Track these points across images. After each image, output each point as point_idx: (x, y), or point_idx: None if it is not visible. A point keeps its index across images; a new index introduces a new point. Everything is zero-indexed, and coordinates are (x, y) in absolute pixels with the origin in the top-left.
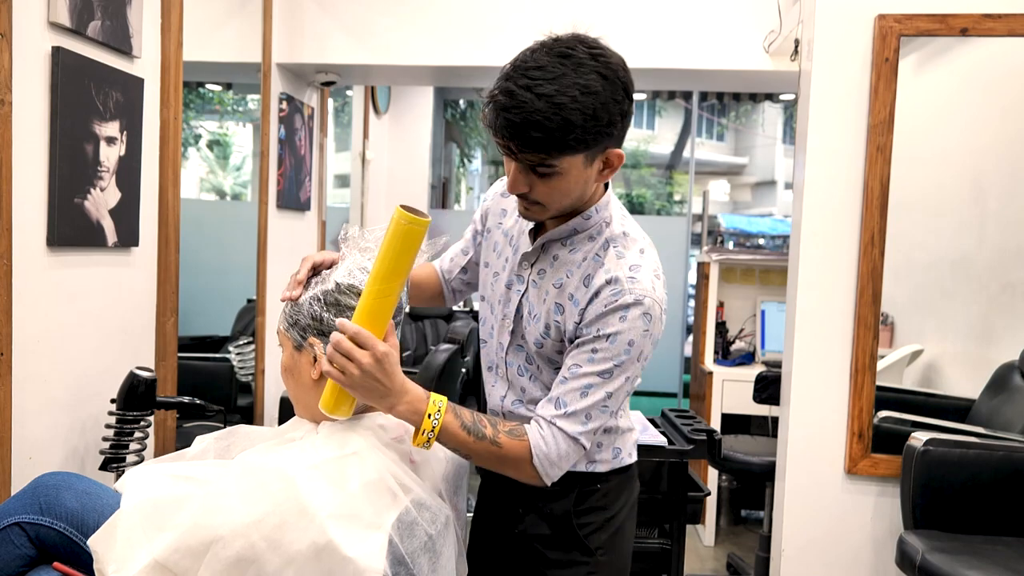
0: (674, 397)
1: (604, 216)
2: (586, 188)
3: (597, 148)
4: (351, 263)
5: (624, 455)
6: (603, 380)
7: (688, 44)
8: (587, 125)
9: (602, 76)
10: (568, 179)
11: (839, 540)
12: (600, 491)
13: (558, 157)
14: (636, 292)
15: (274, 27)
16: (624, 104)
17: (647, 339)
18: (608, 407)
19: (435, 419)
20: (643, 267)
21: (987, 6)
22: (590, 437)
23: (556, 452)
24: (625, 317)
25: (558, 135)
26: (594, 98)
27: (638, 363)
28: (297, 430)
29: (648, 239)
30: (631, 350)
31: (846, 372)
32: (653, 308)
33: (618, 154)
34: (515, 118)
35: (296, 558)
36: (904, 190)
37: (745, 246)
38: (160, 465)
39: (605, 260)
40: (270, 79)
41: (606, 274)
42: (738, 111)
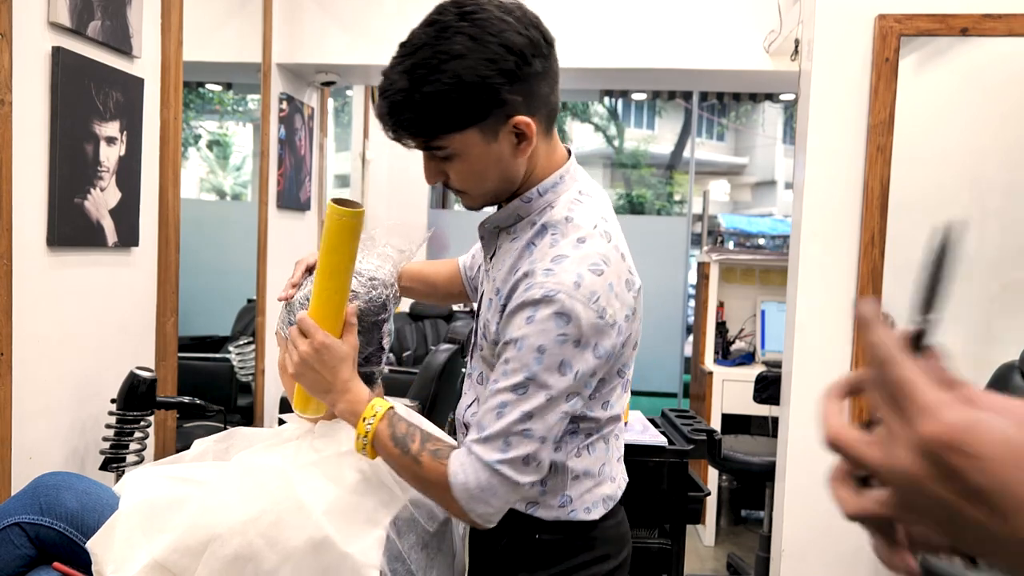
0: (674, 397)
1: (549, 199)
2: (507, 167)
3: (490, 119)
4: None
5: (577, 508)
6: (517, 396)
7: (688, 44)
8: (454, 96)
9: (470, 38)
10: (472, 160)
11: (839, 540)
12: (538, 543)
13: (442, 137)
14: (547, 287)
15: (274, 27)
16: (507, 62)
17: (567, 346)
18: (532, 431)
19: (368, 424)
20: (570, 259)
21: (987, 6)
22: (519, 469)
23: (476, 483)
24: (532, 318)
25: (425, 113)
26: (457, 63)
27: (563, 377)
28: (295, 430)
29: (605, 228)
30: (542, 359)
31: (846, 372)
32: (572, 308)
33: (526, 122)
34: (384, 102)
35: (293, 554)
36: (904, 190)
37: (745, 246)
38: (158, 467)
39: (536, 250)
40: (270, 79)
41: (529, 265)
42: (738, 111)
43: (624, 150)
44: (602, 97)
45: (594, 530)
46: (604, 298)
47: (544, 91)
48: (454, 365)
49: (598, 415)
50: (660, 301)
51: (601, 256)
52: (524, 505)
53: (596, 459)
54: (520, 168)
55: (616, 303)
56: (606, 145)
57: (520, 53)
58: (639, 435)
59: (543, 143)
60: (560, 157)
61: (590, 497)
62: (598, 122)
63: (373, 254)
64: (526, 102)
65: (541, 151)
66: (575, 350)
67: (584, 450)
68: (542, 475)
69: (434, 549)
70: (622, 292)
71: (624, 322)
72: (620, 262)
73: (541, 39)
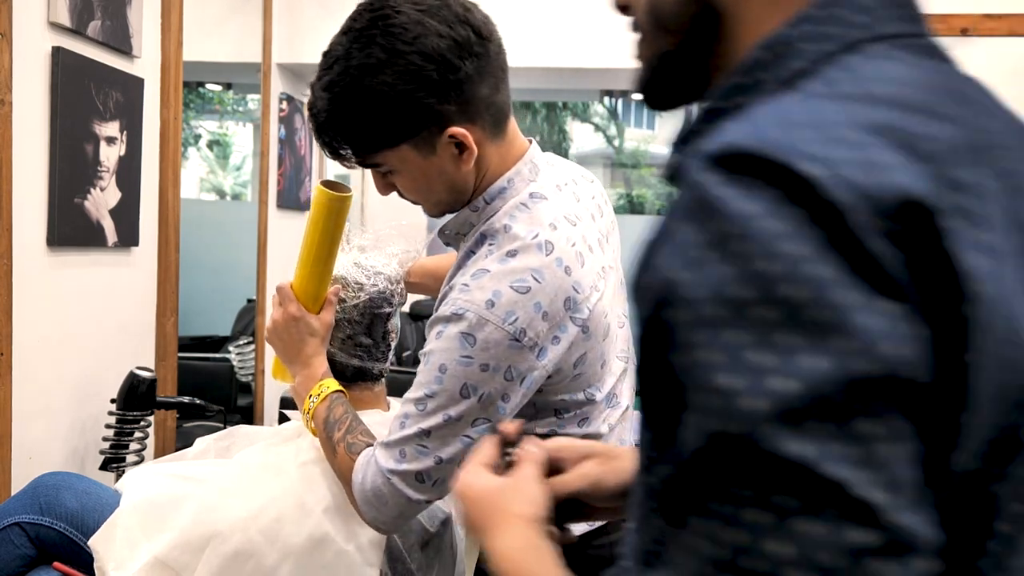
0: None
1: (497, 205)
2: (451, 178)
3: (422, 133)
4: (346, 259)
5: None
6: (418, 412)
7: None
8: (375, 114)
9: (383, 48)
10: (412, 176)
11: None
12: None
13: (375, 155)
14: (458, 304)
15: (274, 27)
16: (427, 72)
17: (472, 369)
18: (427, 449)
19: (312, 401)
20: (491, 274)
21: (987, 6)
22: (410, 483)
23: (370, 486)
24: (441, 334)
25: (349, 132)
26: (375, 78)
27: (464, 400)
28: (295, 429)
29: (548, 237)
30: (443, 379)
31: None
32: (481, 329)
33: (462, 133)
34: (312, 122)
35: (293, 551)
36: None
37: None
38: (159, 465)
39: (470, 260)
40: (270, 79)
41: (456, 279)
42: None
43: (624, 150)
44: (602, 97)
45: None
46: (524, 319)
47: (483, 93)
48: None
49: (572, 432)
50: None
51: (531, 271)
52: None
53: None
54: (468, 177)
55: (541, 325)
56: (606, 145)
57: (441, 60)
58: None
59: (492, 146)
60: (515, 156)
61: None
62: (598, 122)
63: (381, 252)
64: (461, 109)
65: (492, 155)
66: (481, 374)
67: None
68: (440, 495)
69: (434, 549)
70: (556, 312)
71: (552, 344)
72: (561, 277)
73: (471, 35)
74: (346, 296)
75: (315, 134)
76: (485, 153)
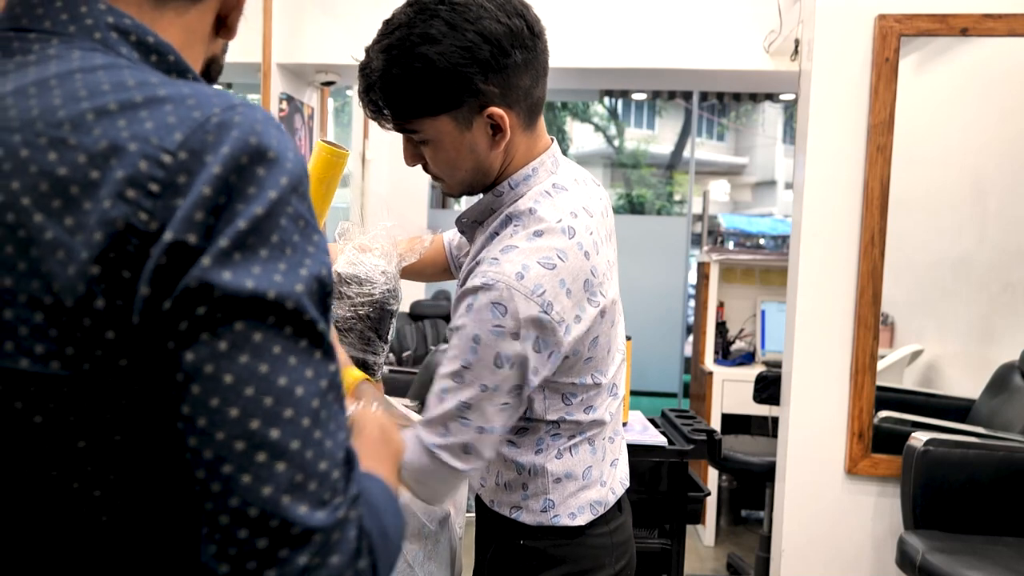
0: (674, 397)
1: (520, 191)
2: (481, 158)
3: (463, 108)
4: (350, 255)
5: (561, 513)
6: (455, 384)
7: (688, 44)
8: (425, 81)
9: (446, 23)
10: (445, 146)
11: (839, 540)
12: (523, 549)
13: (415, 121)
14: (488, 276)
15: (274, 27)
16: (482, 52)
17: (504, 339)
18: (469, 421)
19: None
20: (519, 249)
21: (987, 6)
22: (457, 455)
23: (418, 464)
24: (471, 306)
25: (397, 95)
26: (429, 47)
27: (499, 370)
28: None
29: (571, 224)
30: (478, 349)
31: (846, 372)
32: (511, 299)
33: (500, 114)
34: (361, 80)
35: None
36: (904, 190)
37: (745, 246)
38: None
39: (495, 239)
40: (270, 79)
41: (484, 255)
42: (738, 111)
43: (624, 150)
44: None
45: (580, 536)
46: (551, 293)
47: (525, 83)
48: None
49: (579, 418)
50: (660, 301)
51: (556, 250)
52: (508, 510)
53: (579, 461)
54: (495, 160)
55: (566, 301)
56: (606, 145)
57: (497, 43)
58: (639, 435)
59: (522, 136)
60: (539, 149)
61: (575, 502)
62: (598, 122)
63: (377, 253)
64: (503, 94)
65: (520, 144)
66: (513, 343)
67: (566, 452)
68: (485, 463)
69: (432, 544)
70: (577, 291)
71: (575, 323)
72: (581, 260)
73: (525, 29)
74: (359, 293)
75: (362, 93)
76: (515, 141)
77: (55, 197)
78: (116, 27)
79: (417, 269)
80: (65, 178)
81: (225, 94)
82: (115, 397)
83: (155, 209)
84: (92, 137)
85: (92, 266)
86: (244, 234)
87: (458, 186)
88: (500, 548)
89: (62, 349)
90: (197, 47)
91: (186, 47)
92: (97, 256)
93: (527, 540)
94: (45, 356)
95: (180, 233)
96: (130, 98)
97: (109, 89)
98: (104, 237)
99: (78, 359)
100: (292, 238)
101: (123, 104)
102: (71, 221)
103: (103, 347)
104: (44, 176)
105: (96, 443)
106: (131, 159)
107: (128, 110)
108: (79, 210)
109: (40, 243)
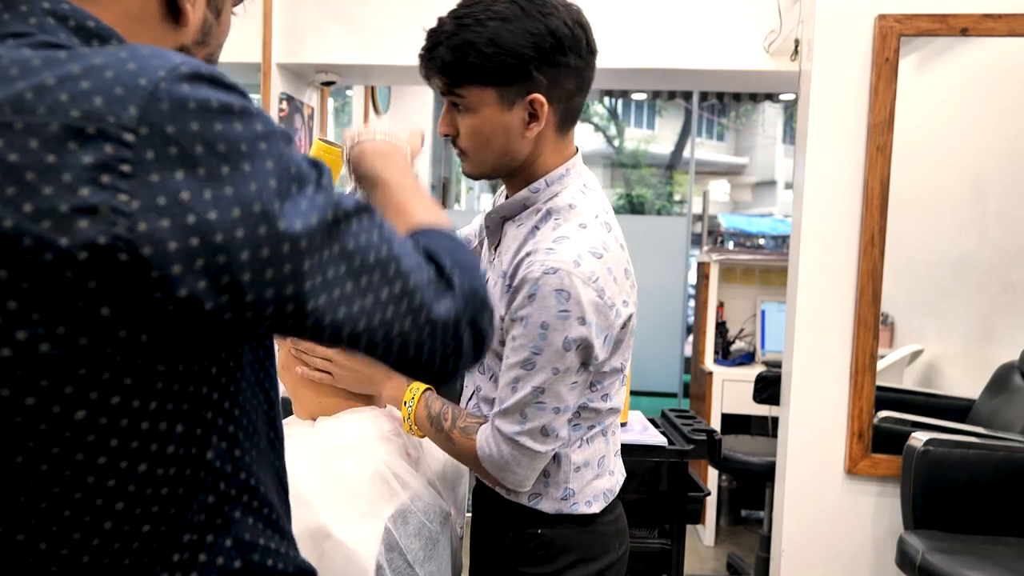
0: (674, 397)
1: (555, 189)
2: (511, 140)
3: (512, 87)
4: None
5: (579, 500)
6: (527, 372)
7: (688, 44)
8: (487, 50)
9: (520, 7)
10: (482, 118)
11: (839, 540)
12: (540, 537)
13: (464, 87)
14: (548, 264)
15: (274, 27)
16: (545, 42)
17: (571, 322)
18: (545, 404)
19: (409, 407)
20: (572, 240)
21: (987, 6)
22: (536, 438)
23: (499, 455)
24: (534, 295)
25: (457, 56)
26: (501, 24)
27: (568, 353)
28: (294, 427)
29: (606, 219)
30: (547, 335)
31: (846, 372)
32: (572, 285)
33: (540, 101)
34: (428, 40)
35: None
36: (904, 190)
37: (745, 246)
38: None
39: (539, 233)
40: (270, 79)
41: (532, 246)
42: (738, 111)
43: (624, 150)
44: (602, 97)
45: (593, 523)
46: (603, 280)
47: (569, 86)
48: None
49: (598, 406)
50: (660, 301)
51: (601, 242)
52: (527, 498)
53: (595, 451)
54: (524, 147)
55: (614, 287)
56: (606, 145)
57: (559, 40)
58: (639, 435)
59: (554, 136)
60: (569, 154)
61: (590, 490)
62: (598, 122)
63: None
64: (549, 87)
65: (549, 141)
66: (579, 326)
67: (584, 442)
68: (560, 442)
69: (432, 543)
70: (620, 279)
71: (622, 307)
72: (619, 251)
73: (584, 41)
74: None
75: (425, 52)
76: (546, 136)
77: (8, 185)
78: (53, 12)
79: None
80: (17, 164)
81: (162, 53)
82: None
83: (132, 189)
84: (38, 118)
85: (80, 252)
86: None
87: (481, 165)
88: (518, 536)
89: (52, 330)
90: (143, 35)
91: (131, 35)
92: (87, 243)
93: (545, 528)
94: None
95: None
96: (67, 71)
97: (41, 65)
98: (90, 224)
99: (71, 337)
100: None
101: (61, 78)
102: (30, 208)
103: (100, 324)
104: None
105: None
106: (95, 144)
107: (68, 82)
108: (38, 196)
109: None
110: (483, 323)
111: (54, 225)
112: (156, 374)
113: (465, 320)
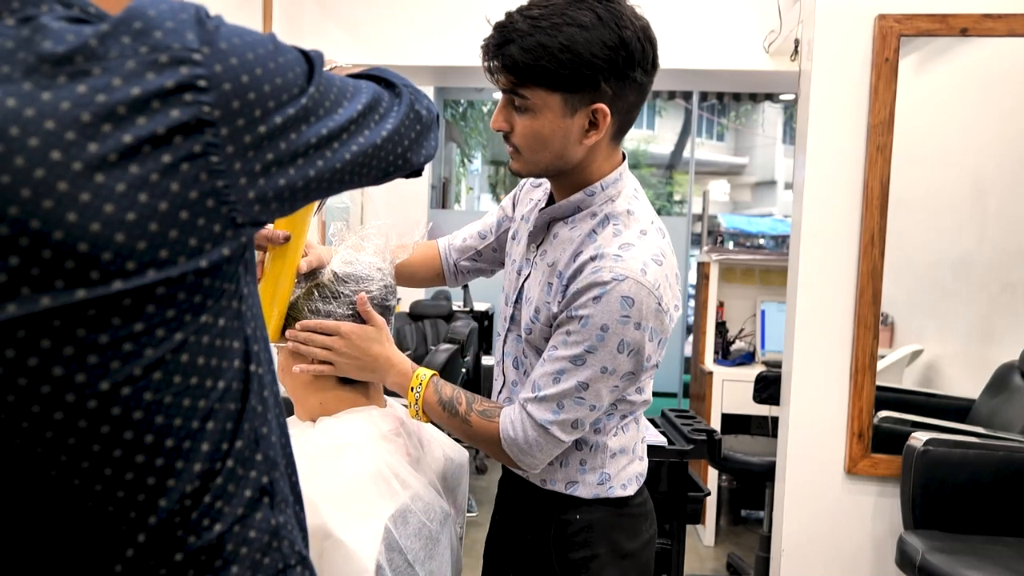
0: (674, 397)
1: (610, 193)
2: (569, 145)
3: (578, 94)
4: (345, 255)
5: (615, 484)
6: (575, 367)
7: (688, 44)
8: (561, 56)
9: (597, 16)
10: (543, 120)
11: (839, 540)
12: (580, 522)
13: (530, 87)
14: (617, 271)
15: (274, 27)
16: (617, 54)
17: (628, 328)
18: (584, 400)
19: (417, 392)
20: (637, 247)
21: (987, 6)
22: (566, 430)
23: (524, 439)
24: (599, 298)
25: (528, 58)
26: (578, 31)
27: (620, 355)
28: (294, 428)
29: (659, 225)
30: (605, 337)
31: (846, 372)
32: (638, 293)
33: (604, 111)
34: (498, 35)
35: None
36: (904, 190)
37: (745, 246)
38: None
39: (599, 237)
40: None
41: (595, 250)
42: (738, 111)
43: (624, 150)
44: None
45: (627, 506)
46: (663, 287)
47: (631, 99)
48: (454, 365)
49: (634, 399)
50: None
51: (660, 249)
52: (564, 485)
53: (630, 438)
54: (579, 153)
55: (670, 293)
56: None
57: (631, 54)
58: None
59: (608, 144)
60: (618, 160)
61: (625, 474)
62: None
63: (371, 250)
64: (613, 98)
65: (603, 150)
66: (635, 332)
67: (620, 430)
68: (581, 435)
69: (433, 543)
70: (674, 284)
71: (674, 311)
72: (672, 257)
73: (651, 57)
74: (357, 291)
75: (492, 47)
76: (601, 144)
77: (104, 122)
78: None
79: (408, 273)
80: (108, 103)
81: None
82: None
83: (213, 101)
84: (111, 61)
85: (183, 164)
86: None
87: (533, 165)
88: (558, 523)
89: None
90: None
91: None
92: (187, 155)
93: (583, 512)
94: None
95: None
96: (117, 19)
97: (85, 24)
98: (184, 140)
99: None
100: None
101: (115, 24)
102: (130, 139)
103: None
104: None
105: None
106: (171, 69)
107: (121, 27)
108: (134, 127)
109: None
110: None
111: (156, 146)
112: (226, 294)
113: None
